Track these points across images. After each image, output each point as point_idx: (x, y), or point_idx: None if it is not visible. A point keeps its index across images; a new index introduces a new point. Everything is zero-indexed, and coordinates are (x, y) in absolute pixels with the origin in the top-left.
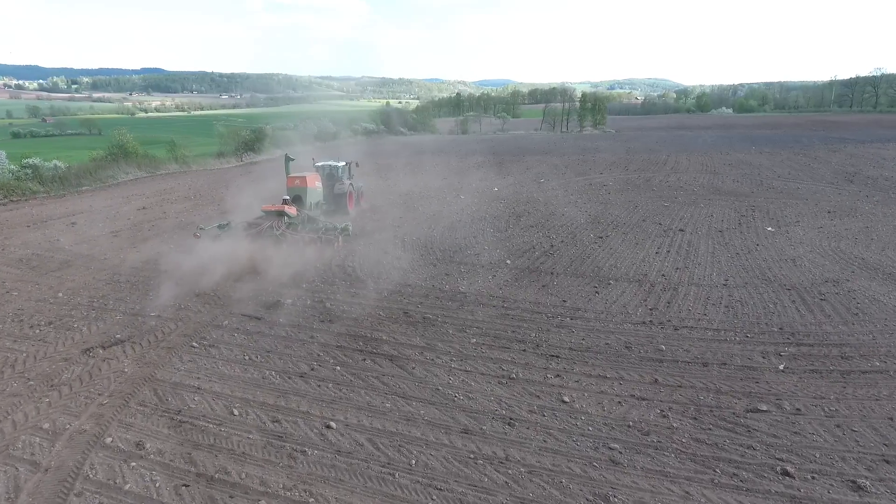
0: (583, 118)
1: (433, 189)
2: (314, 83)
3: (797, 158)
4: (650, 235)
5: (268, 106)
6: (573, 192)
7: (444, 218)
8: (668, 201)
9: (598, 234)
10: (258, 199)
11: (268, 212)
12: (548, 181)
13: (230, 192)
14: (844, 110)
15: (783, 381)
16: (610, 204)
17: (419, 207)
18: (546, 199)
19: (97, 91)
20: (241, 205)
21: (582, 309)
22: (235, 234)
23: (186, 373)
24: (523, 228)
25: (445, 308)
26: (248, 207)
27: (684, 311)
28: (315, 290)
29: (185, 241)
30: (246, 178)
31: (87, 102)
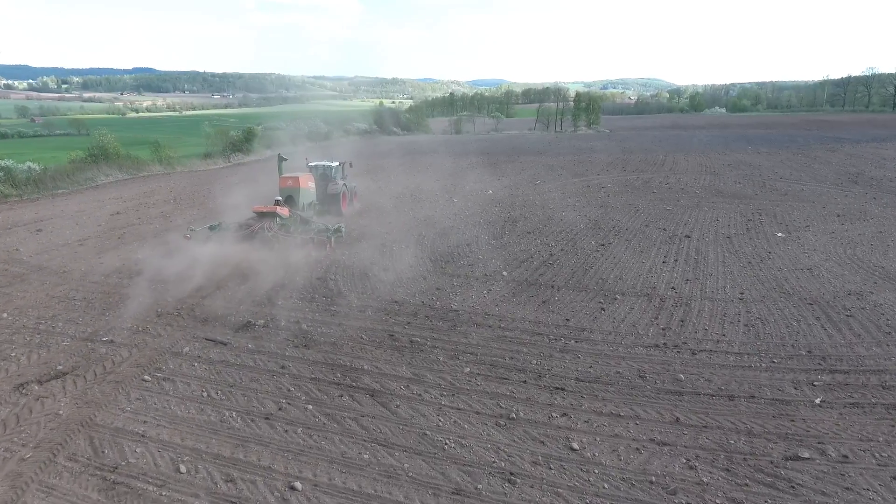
0: (577, 118)
1: (425, 191)
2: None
3: (796, 159)
4: (655, 242)
5: (260, 106)
6: (571, 195)
7: (436, 223)
8: (669, 204)
9: (599, 242)
10: (241, 203)
11: (259, 213)
12: (544, 183)
13: (212, 195)
14: (837, 110)
15: (822, 418)
16: (610, 207)
17: (410, 211)
18: (543, 203)
19: (88, 91)
20: (224, 209)
21: (587, 329)
22: (224, 237)
23: (132, 414)
24: (520, 235)
25: (436, 329)
26: (231, 211)
27: (700, 330)
28: (292, 308)
29: (157, 248)
30: (232, 179)
31: (77, 102)
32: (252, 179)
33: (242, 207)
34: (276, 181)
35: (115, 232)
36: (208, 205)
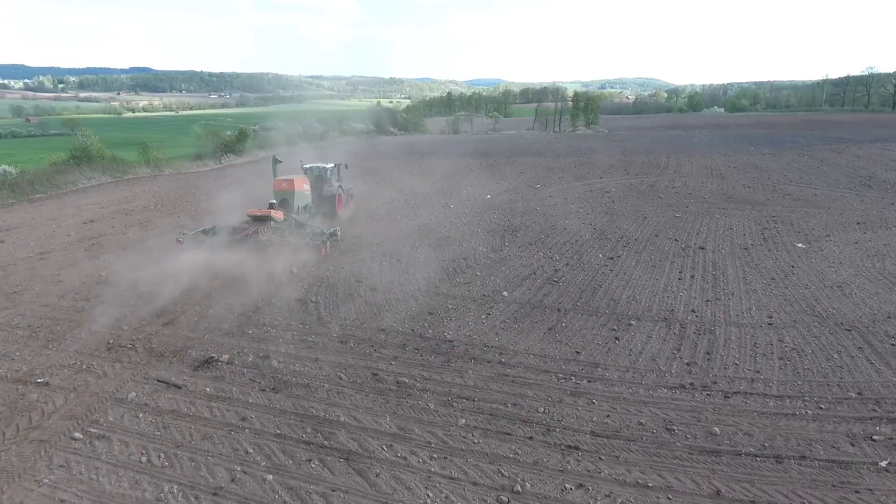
0: (575, 118)
1: (421, 196)
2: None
3: (803, 160)
4: (667, 255)
5: (257, 105)
6: (573, 200)
7: (431, 232)
8: (678, 211)
9: (607, 254)
10: (225, 209)
11: (254, 216)
12: (544, 187)
13: (196, 200)
14: (836, 109)
15: (892, 487)
16: (615, 214)
17: (404, 219)
18: (544, 209)
19: (84, 90)
20: (206, 215)
21: (601, 364)
22: (217, 241)
23: (49, 489)
24: (521, 246)
25: (427, 366)
26: (212, 218)
27: (730, 365)
28: (263, 338)
29: (126, 262)
30: (219, 182)
31: (73, 102)
32: (241, 182)
33: (226, 213)
34: (269, 184)
35: (83, 243)
36: (190, 211)
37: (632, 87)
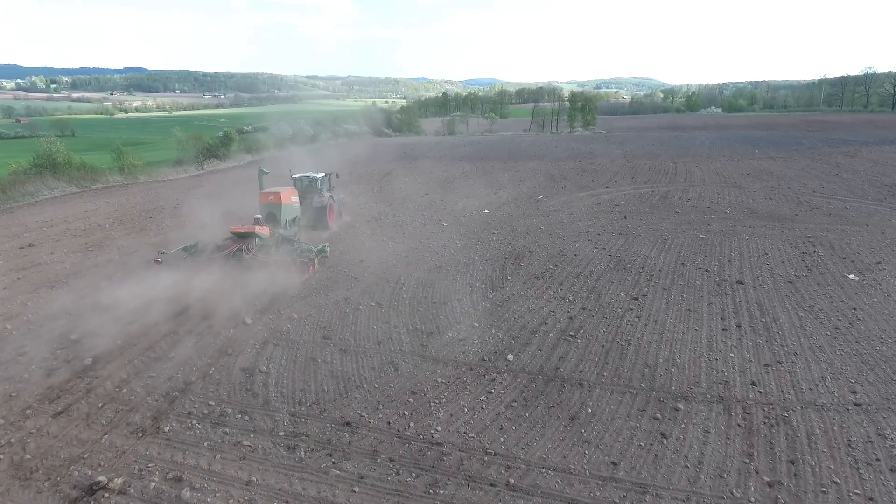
0: (573, 119)
1: (412, 209)
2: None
3: (818, 166)
4: (701, 292)
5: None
6: (580, 216)
7: (420, 261)
8: (700, 229)
9: (630, 292)
10: (194, 228)
11: (237, 233)
12: (547, 198)
13: (162, 216)
14: (835, 109)
15: None
16: (630, 235)
17: (390, 241)
18: (550, 228)
19: (77, 91)
20: (173, 235)
21: (650, 487)
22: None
23: None
24: (526, 281)
25: (404, 493)
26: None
27: (828, 484)
28: (181, 442)
29: (42, 305)
30: (196, 192)
31: (65, 102)
32: (220, 192)
33: (192, 233)
34: (252, 193)
35: (5, 278)
36: (153, 229)
37: (627, 87)
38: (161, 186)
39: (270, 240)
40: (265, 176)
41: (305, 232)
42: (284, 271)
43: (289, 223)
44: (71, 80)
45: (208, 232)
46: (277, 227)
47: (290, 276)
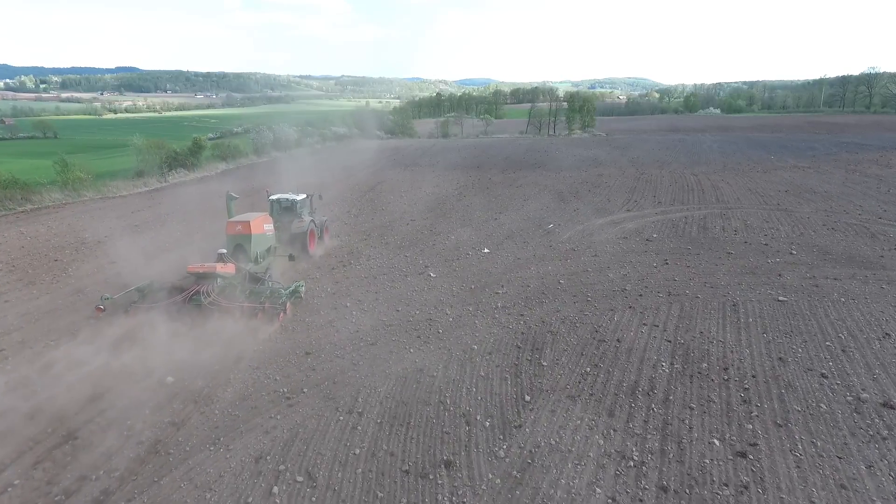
0: (571, 121)
1: (391, 248)
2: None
3: (858, 179)
4: (840, 431)
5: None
6: (607, 259)
7: (389, 355)
8: (772, 284)
9: (727, 437)
10: (111, 274)
11: (196, 274)
12: (559, 227)
13: (81, 256)
14: (836, 110)
15: None
16: (684, 297)
17: (354, 310)
18: (572, 283)
19: (67, 90)
20: (68, 292)
21: None
22: (146, 310)
23: None
24: (555, 408)
25: None
26: (74, 295)
27: None
28: None
29: None
30: (145, 214)
31: (53, 103)
32: (175, 215)
33: (104, 282)
34: (212, 214)
35: None
36: (47, 279)
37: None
38: (109, 205)
39: (236, 279)
40: (234, 202)
41: (280, 263)
42: (249, 318)
43: (261, 256)
44: (61, 80)
45: (123, 281)
46: (247, 261)
47: (255, 326)
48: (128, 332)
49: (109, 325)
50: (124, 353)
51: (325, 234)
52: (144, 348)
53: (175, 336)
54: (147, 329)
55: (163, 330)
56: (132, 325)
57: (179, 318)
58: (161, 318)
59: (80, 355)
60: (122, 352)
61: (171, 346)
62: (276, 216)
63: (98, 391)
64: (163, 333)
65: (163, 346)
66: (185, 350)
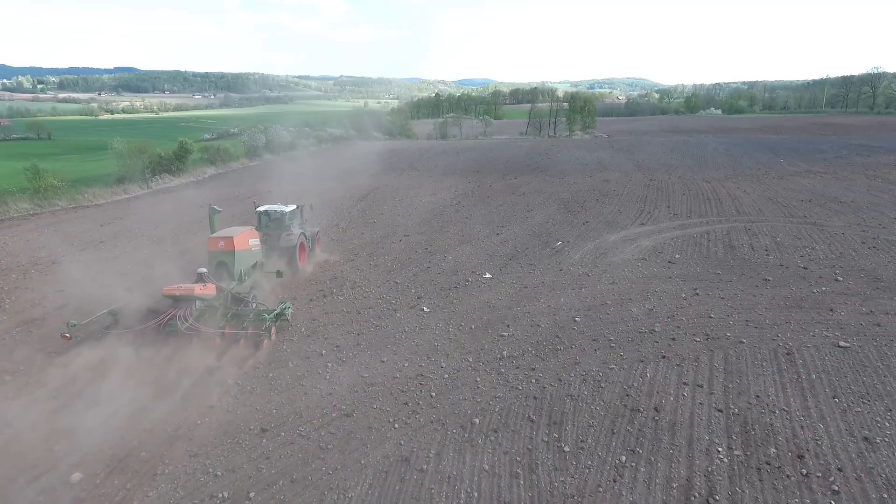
0: (572, 121)
1: (381, 272)
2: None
3: (882, 187)
4: None
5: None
6: (627, 289)
7: (367, 435)
8: (826, 323)
9: None
10: (53, 308)
11: (172, 296)
12: (567, 246)
13: (27, 284)
14: (838, 111)
15: None
16: (725, 341)
17: (329, 362)
18: (590, 322)
19: (64, 91)
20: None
21: None
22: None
23: None
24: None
25: None
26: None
27: None
28: None
29: None
30: (114, 227)
31: (50, 103)
32: (142, 228)
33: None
34: (202, 228)
35: None
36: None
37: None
38: (73, 219)
39: (218, 300)
40: (216, 215)
41: (270, 279)
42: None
43: (245, 273)
44: (58, 81)
45: (62, 315)
46: (230, 281)
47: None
48: (71, 379)
49: (53, 367)
50: (45, 419)
51: (317, 246)
52: (74, 412)
53: (127, 381)
54: (95, 373)
55: (115, 374)
56: (78, 369)
57: (146, 350)
58: (122, 353)
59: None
60: (45, 415)
61: (115, 401)
62: (263, 229)
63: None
64: (113, 380)
65: (104, 404)
66: (130, 408)
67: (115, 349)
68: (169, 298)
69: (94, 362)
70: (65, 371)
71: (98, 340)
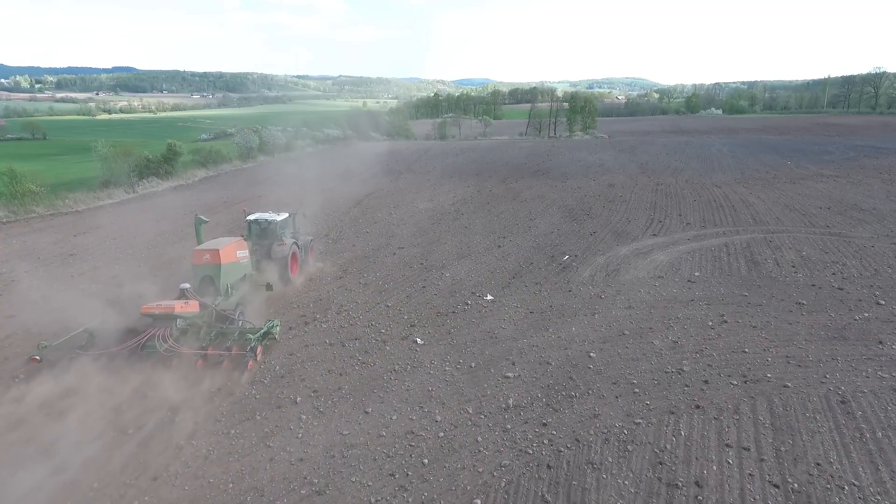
0: (572, 122)
1: (370, 292)
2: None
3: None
4: None
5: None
6: (644, 312)
7: None
8: (874, 358)
9: None
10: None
11: (150, 314)
12: (576, 262)
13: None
14: (839, 111)
15: None
16: (767, 385)
17: (305, 413)
18: (603, 353)
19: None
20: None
21: None
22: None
23: None
24: None
25: None
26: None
27: None
28: None
29: None
30: (86, 239)
31: (47, 103)
32: (118, 239)
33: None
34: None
35: None
36: None
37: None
38: (46, 228)
39: (202, 318)
40: (203, 226)
41: (258, 292)
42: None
43: (233, 287)
44: (56, 80)
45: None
46: (216, 295)
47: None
48: (19, 420)
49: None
50: None
51: (310, 256)
52: (5, 471)
53: (84, 422)
54: (49, 412)
55: (72, 414)
56: (31, 407)
57: (114, 379)
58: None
59: None
60: None
61: (59, 455)
62: (254, 239)
63: None
64: (68, 420)
65: (42, 461)
66: (74, 463)
67: (81, 377)
68: (148, 317)
69: (51, 396)
70: (15, 410)
71: (67, 365)
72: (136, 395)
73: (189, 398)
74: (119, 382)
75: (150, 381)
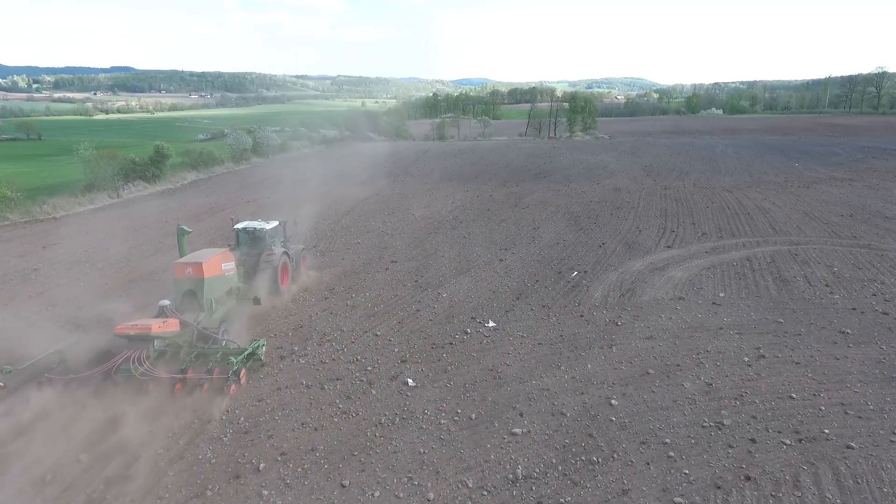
0: (572, 122)
1: (358, 316)
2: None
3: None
4: None
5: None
6: (668, 345)
7: None
8: None
9: None
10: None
11: (125, 335)
12: (586, 279)
13: None
14: (841, 111)
15: None
16: (827, 445)
17: (268, 489)
18: (626, 400)
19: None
20: None
21: None
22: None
23: None
24: None
25: None
26: None
27: None
28: None
29: None
30: (54, 254)
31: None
32: (91, 251)
33: None
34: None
35: None
36: None
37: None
38: (15, 238)
39: (182, 337)
40: (186, 237)
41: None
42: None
43: (217, 302)
44: (54, 80)
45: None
46: (199, 311)
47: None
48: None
49: None
50: None
51: (302, 266)
52: None
53: (30, 475)
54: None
55: (17, 463)
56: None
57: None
58: (45, 422)
59: None
60: None
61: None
62: (242, 248)
63: None
64: (10, 473)
65: None
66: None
67: (40, 410)
68: (123, 338)
69: (3, 436)
70: None
71: (32, 394)
72: (96, 436)
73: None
74: (84, 415)
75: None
